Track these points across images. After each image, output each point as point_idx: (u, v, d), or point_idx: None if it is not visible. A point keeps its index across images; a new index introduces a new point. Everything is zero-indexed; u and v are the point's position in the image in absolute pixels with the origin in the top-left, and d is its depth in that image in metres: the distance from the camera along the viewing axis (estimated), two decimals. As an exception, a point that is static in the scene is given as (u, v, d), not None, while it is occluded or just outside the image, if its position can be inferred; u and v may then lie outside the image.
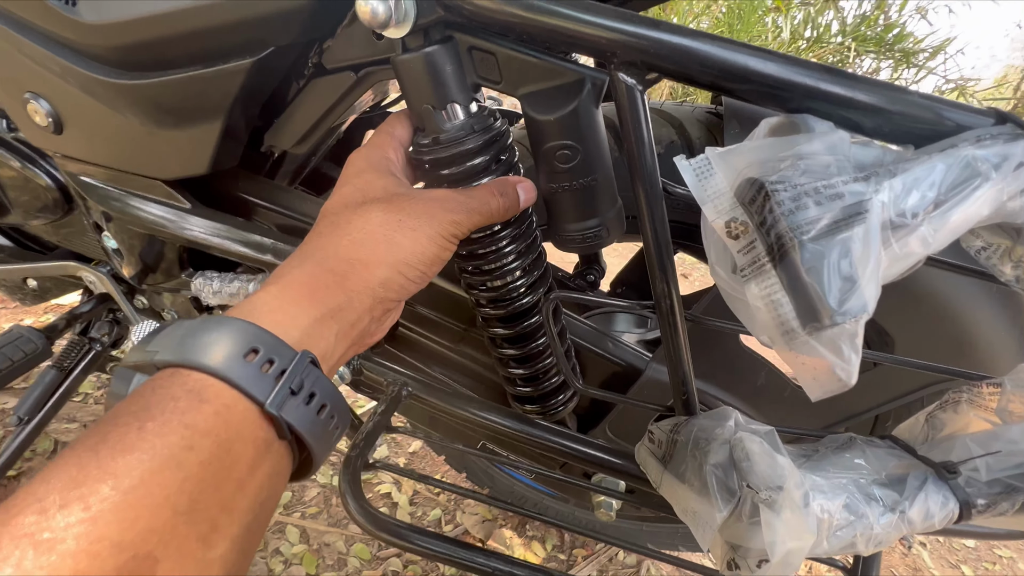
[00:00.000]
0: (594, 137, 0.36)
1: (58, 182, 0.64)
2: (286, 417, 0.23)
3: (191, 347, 0.23)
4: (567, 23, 0.28)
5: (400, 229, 0.31)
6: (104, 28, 0.38)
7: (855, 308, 0.21)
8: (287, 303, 0.27)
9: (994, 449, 0.32)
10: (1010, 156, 0.23)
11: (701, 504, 0.32)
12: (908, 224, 0.22)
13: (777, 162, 0.24)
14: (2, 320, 1.21)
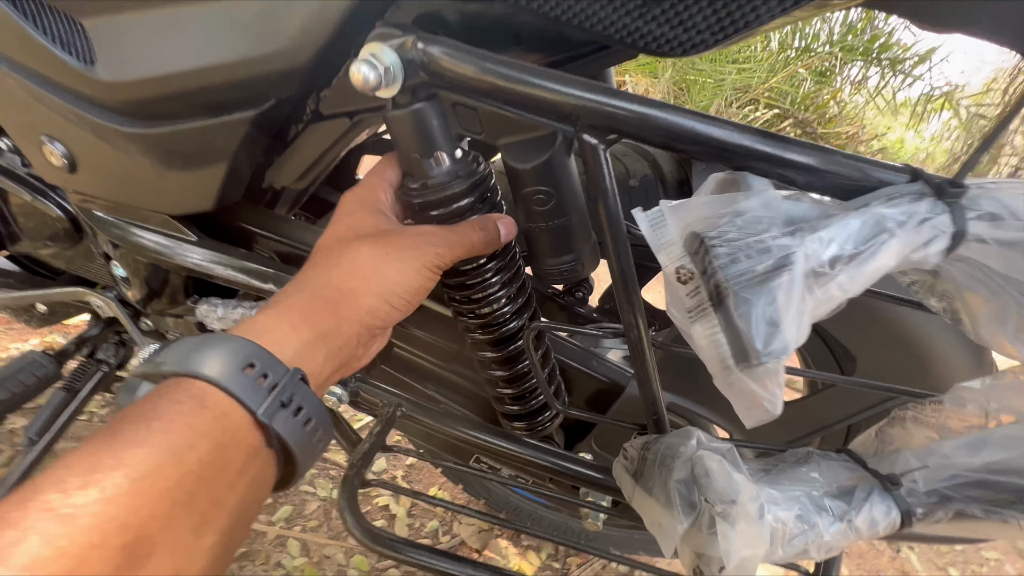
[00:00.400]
0: (567, 182, 0.39)
1: (68, 213, 0.67)
2: (275, 427, 0.26)
3: (195, 359, 0.25)
4: (535, 91, 0.32)
5: (387, 261, 0.35)
6: (119, 85, 0.42)
7: (777, 350, 0.24)
8: (283, 325, 0.30)
9: (930, 462, 0.36)
10: (914, 214, 0.26)
11: (666, 517, 0.35)
12: (828, 273, 0.26)
13: (718, 218, 0.28)
14: (6, 341, 1.23)
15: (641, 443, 0.41)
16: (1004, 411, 0.36)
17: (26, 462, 0.78)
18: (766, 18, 0.28)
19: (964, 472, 0.35)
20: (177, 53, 0.39)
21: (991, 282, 0.28)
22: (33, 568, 0.18)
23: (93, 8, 0.40)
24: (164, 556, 0.21)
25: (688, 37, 0.30)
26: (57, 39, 0.42)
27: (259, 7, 0.37)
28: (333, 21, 0.37)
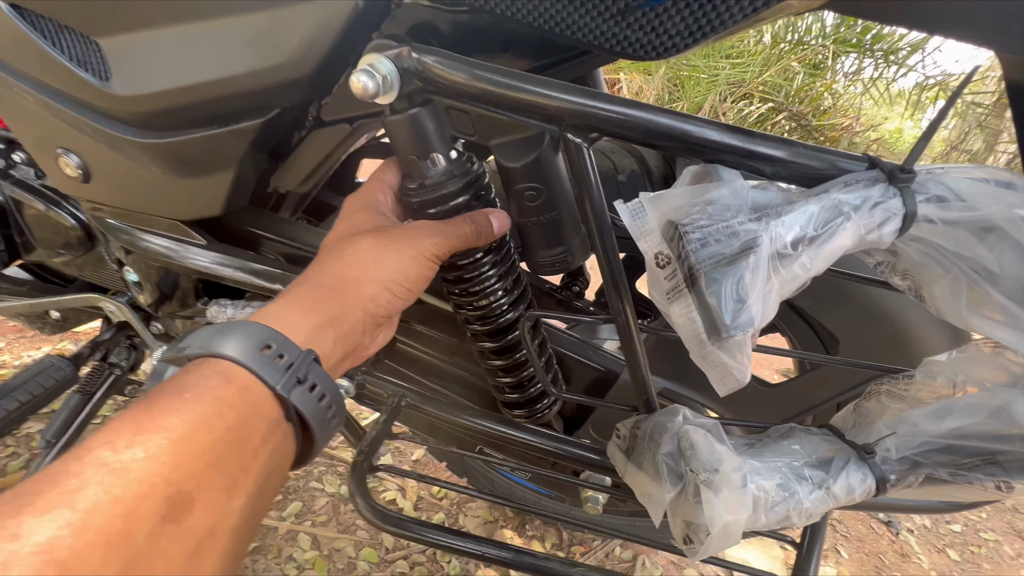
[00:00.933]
0: (556, 179, 0.42)
1: (81, 222, 0.70)
2: (293, 400, 0.28)
3: (217, 342, 0.28)
4: (521, 95, 0.34)
5: (387, 251, 0.37)
6: (133, 99, 0.44)
7: (744, 323, 0.27)
8: (293, 312, 0.32)
9: (900, 430, 0.38)
10: (868, 198, 0.29)
11: (654, 487, 0.37)
12: (791, 255, 0.28)
13: (691, 207, 0.30)
14: (19, 348, 1.26)
15: (632, 422, 0.44)
16: (969, 382, 0.38)
17: (42, 464, 0.81)
18: (730, 23, 0.31)
19: (932, 439, 0.37)
20: (188, 67, 0.42)
21: (943, 259, 0.30)
22: (94, 511, 0.20)
23: (108, 28, 0.42)
24: (201, 511, 0.23)
25: (661, 42, 0.33)
26: (75, 57, 0.45)
27: (264, 23, 0.39)
28: (332, 34, 0.40)
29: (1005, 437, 0.34)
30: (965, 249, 0.29)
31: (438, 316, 0.62)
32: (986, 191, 0.28)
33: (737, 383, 0.29)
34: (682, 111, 2.79)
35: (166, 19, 0.41)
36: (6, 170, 0.70)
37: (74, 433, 0.83)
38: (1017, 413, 0.33)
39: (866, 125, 4.49)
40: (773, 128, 4.03)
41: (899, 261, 0.33)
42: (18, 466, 0.98)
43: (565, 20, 0.33)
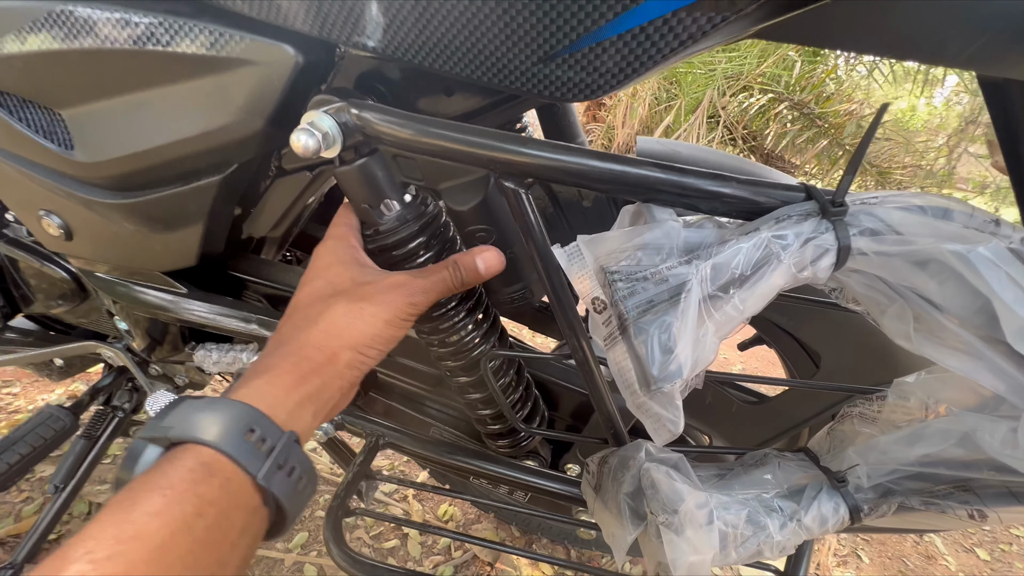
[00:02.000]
0: (506, 219, 0.42)
1: (72, 275, 0.72)
2: (272, 489, 0.28)
3: (200, 425, 0.28)
4: (455, 144, 0.34)
5: (361, 316, 0.36)
6: (96, 165, 0.46)
7: (672, 375, 0.26)
8: (276, 389, 0.32)
9: (870, 458, 0.37)
10: (800, 234, 0.28)
11: (618, 528, 0.37)
12: (723, 297, 0.28)
13: (621, 252, 0.30)
14: (33, 393, 1.30)
15: (599, 457, 0.43)
16: (940, 402, 0.37)
17: (54, 509, 0.83)
18: (651, 64, 0.31)
19: (902, 466, 0.36)
20: (143, 133, 0.43)
21: (885, 288, 0.29)
22: None
23: (67, 100, 0.44)
24: None
25: (587, 84, 0.32)
26: (40, 130, 0.46)
27: (210, 87, 0.40)
28: (276, 92, 0.40)
29: (973, 464, 0.33)
30: (905, 280, 0.28)
31: (419, 347, 0.63)
32: (919, 222, 0.27)
33: (670, 434, 0.29)
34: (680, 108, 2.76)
35: (119, 88, 0.42)
36: (0, 230, 0.73)
37: (81, 477, 0.85)
38: (983, 440, 0.32)
39: (874, 107, 4.39)
40: (776, 119, 3.97)
41: (847, 290, 0.32)
42: (32, 510, 1.01)
43: (485, 71, 0.33)
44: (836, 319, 0.52)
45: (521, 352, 0.46)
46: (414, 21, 0.33)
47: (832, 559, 1.20)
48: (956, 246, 0.25)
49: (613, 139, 4.10)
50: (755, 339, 0.66)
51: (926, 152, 4.54)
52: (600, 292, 0.31)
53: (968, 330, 0.28)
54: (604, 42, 0.30)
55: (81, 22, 0.39)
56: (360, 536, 1.06)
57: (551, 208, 0.57)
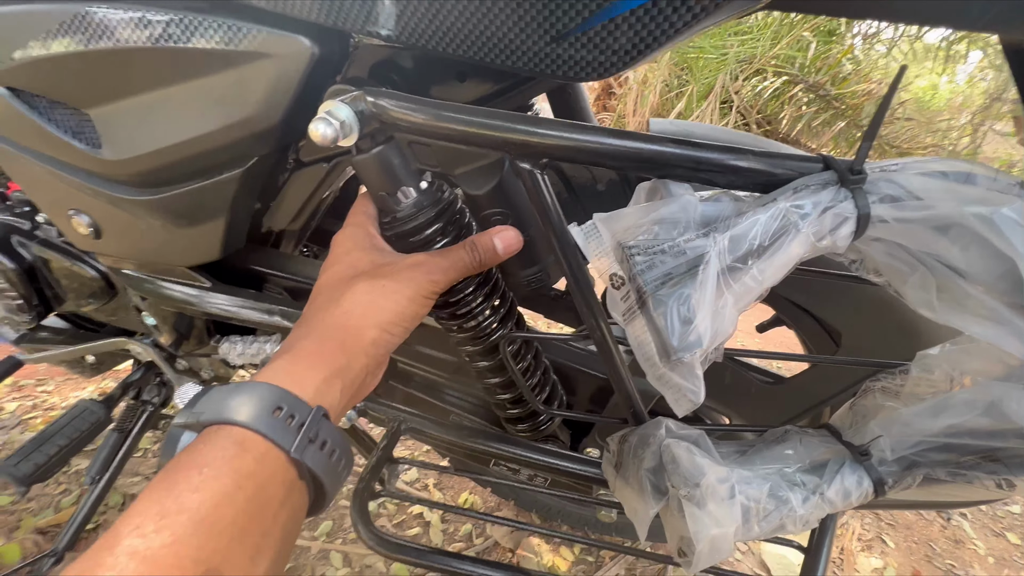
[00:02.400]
0: (521, 201, 0.42)
1: (101, 273, 0.74)
2: (306, 461, 0.29)
3: (230, 407, 0.29)
4: (469, 127, 0.35)
5: (384, 294, 0.37)
6: (123, 163, 0.47)
7: (692, 345, 0.27)
8: (300, 368, 0.33)
9: (893, 430, 0.37)
10: (818, 203, 0.28)
11: (640, 503, 0.37)
12: (741, 268, 0.28)
13: (638, 227, 0.30)
14: (66, 390, 1.35)
15: (619, 436, 0.43)
16: (965, 373, 0.37)
17: (90, 500, 0.87)
18: (664, 40, 0.31)
19: (927, 438, 0.36)
20: (167, 129, 0.45)
21: (907, 256, 0.29)
22: None
23: (94, 99, 0.45)
24: None
25: (600, 62, 0.33)
26: (69, 130, 0.48)
27: (229, 81, 0.41)
28: (294, 84, 0.41)
29: (1000, 433, 0.32)
30: (927, 247, 0.28)
31: (439, 336, 0.63)
32: (940, 187, 0.27)
33: (691, 404, 0.29)
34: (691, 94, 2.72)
35: (142, 86, 0.44)
36: (32, 231, 0.76)
37: (115, 470, 0.88)
38: (1010, 409, 0.31)
39: (892, 87, 4.27)
40: (791, 102, 3.89)
41: (867, 260, 0.32)
42: (70, 502, 1.05)
43: (498, 53, 0.33)
44: (856, 295, 0.51)
45: (539, 334, 0.47)
46: (427, 7, 0.34)
47: (856, 544, 1.19)
48: (979, 208, 0.25)
49: (624, 126, 4.06)
50: (774, 320, 0.66)
51: (949, 131, 4.40)
52: (618, 268, 0.31)
53: (993, 296, 0.28)
54: (616, 18, 0.31)
55: (103, 23, 0.41)
56: (383, 524, 1.08)
57: (565, 193, 0.57)
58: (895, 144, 3.96)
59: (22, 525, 0.98)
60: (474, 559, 0.45)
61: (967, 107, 5.45)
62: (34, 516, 1.00)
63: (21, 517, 1.00)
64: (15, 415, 1.24)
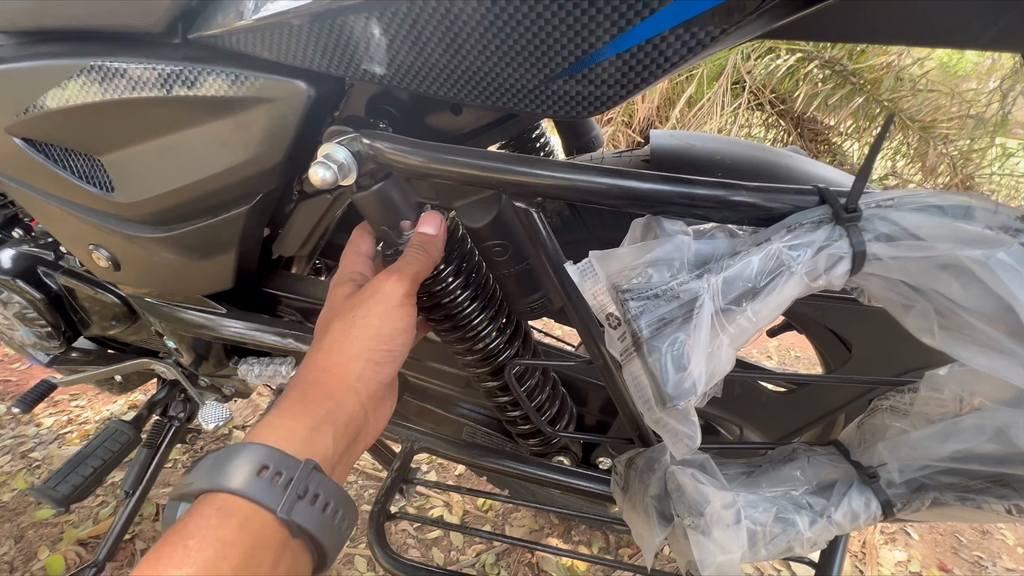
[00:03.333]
0: (520, 232, 0.42)
1: (123, 299, 0.77)
2: (295, 519, 0.28)
3: (216, 474, 0.28)
4: (464, 169, 0.35)
5: (355, 324, 0.36)
6: (135, 204, 0.49)
7: (687, 392, 0.27)
8: (286, 421, 0.32)
9: (900, 454, 0.37)
10: (812, 243, 0.28)
11: (645, 530, 0.38)
12: (736, 309, 0.28)
13: (633, 270, 0.30)
14: (99, 405, 1.40)
15: (626, 458, 0.44)
16: (974, 394, 0.36)
17: (126, 512, 0.91)
18: (657, 76, 0.31)
19: (934, 462, 0.35)
20: (175, 173, 0.46)
21: (905, 290, 0.29)
22: None
23: (105, 146, 0.47)
24: None
25: (591, 100, 0.33)
26: (83, 176, 0.50)
27: (231, 125, 0.42)
28: (293, 124, 0.42)
29: (1008, 459, 0.32)
30: (925, 283, 0.27)
31: (448, 351, 0.65)
32: (937, 224, 0.26)
33: (688, 449, 0.29)
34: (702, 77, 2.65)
35: (150, 133, 0.45)
36: (56, 261, 0.79)
37: (148, 482, 0.92)
38: (1018, 436, 0.31)
39: (913, 57, 4.11)
40: (806, 79, 3.78)
41: (867, 291, 0.32)
42: (107, 513, 1.10)
43: (490, 94, 0.33)
44: (865, 308, 0.50)
45: (543, 361, 0.47)
46: (416, 53, 0.34)
47: (879, 537, 1.18)
48: (975, 252, 0.24)
49: (633, 115, 4.00)
50: (784, 325, 0.65)
51: (976, 99, 4.21)
52: (614, 308, 0.31)
53: (996, 327, 0.28)
54: (608, 59, 0.30)
55: (109, 75, 0.42)
56: (404, 527, 1.11)
57: (567, 211, 0.58)
58: (917, 119, 3.82)
59: (64, 537, 1.03)
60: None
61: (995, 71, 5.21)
62: (75, 528, 1.05)
63: (63, 529, 1.05)
64: (52, 430, 1.30)
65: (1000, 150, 3.89)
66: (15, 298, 0.79)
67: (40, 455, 1.22)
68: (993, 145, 3.96)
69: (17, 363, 1.51)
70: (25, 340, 0.88)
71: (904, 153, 3.93)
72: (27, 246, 0.81)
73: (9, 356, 1.53)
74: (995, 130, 4.24)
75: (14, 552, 1.00)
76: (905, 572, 1.12)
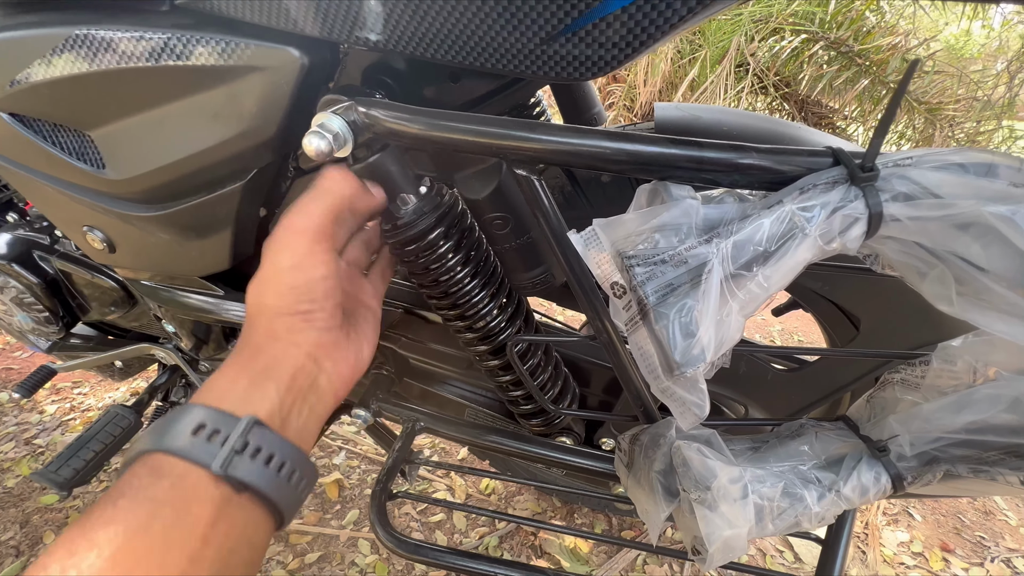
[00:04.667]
0: (521, 204, 0.41)
1: (120, 283, 0.76)
2: (235, 474, 0.27)
3: (155, 436, 0.28)
4: (462, 136, 0.34)
5: (266, 279, 0.34)
6: (126, 181, 0.48)
7: (695, 359, 0.26)
8: (222, 380, 0.31)
9: (912, 427, 0.36)
10: (827, 204, 0.27)
11: (651, 505, 0.37)
12: (746, 275, 0.27)
13: (639, 235, 0.29)
14: (101, 391, 1.40)
15: (630, 435, 0.43)
16: (989, 365, 0.35)
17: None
18: (662, 32, 0.29)
19: (948, 433, 0.35)
20: (166, 148, 0.45)
21: (923, 253, 0.28)
22: None
23: (94, 121, 0.46)
24: None
25: (594, 61, 0.31)
26: (73, 152, 0.48)
27: (222, 96, 0.41)
28: (286, 95, 0.41)
29: (1023, 430, 0.31)
30: (944, 244, 0.26)
31: (450, 333, 0.64)
32: (958, 182, 0.25)
33: (696, 418, 0.29)
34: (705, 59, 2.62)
35: (139, 106, 0.44)
36: (51, 245, 0.78)
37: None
38: (1035, 405, 0.30)
39: (920, 38, 4.04)
40: (810, 61, 3.72)
41: (881, 256, 0.31)
42: (112, 498, 1.10)
43: (488, 56, 0.32)
44: (874, 281, 0.49)
45: (546, 336, 0.46)
46: (411, 13, 0.32)
47: (882, 518, 1.18)
48: (999, 207, 0.23)
49: (635, 99, 3.95)
50: (790, 304, 0.64)
51: (983, 81, 4.15)
52: (619, 276, 0.30)
53: (1017, 292, 0.27)
54: (608, 16, 0.29)
55: (94, 44, 0.40)
56: (408, 511, 1.11)
57: (569, 186, 0.56)
58: (923, 100, 3.77)
59: (69, 522, 1.04)
60: (491, 559, 0.45)
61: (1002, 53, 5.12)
62: (80, 513, 1.06)
63: (68, 515, 1.06)
64: (55, 417, 1.30)
65: (1007, 132, 3.85)
66: (12, 283, 0.79)
67: (43, 442, 1.22)
68: (1000, 127, 3.91)
69: (19, 351, 1.51)
70: (24, 326, 0.87)
71: (910, 136, 3.89)
72: (22, 230, 0.80)
73: (11, 345, 1.53)
74: (1002, 112, 4.19)
75: (20, 536, 1.01)
76: (907, 552, 1.12)
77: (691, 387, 0.27)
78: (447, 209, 0.44)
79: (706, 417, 0.29)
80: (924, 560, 1.10)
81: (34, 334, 0.89)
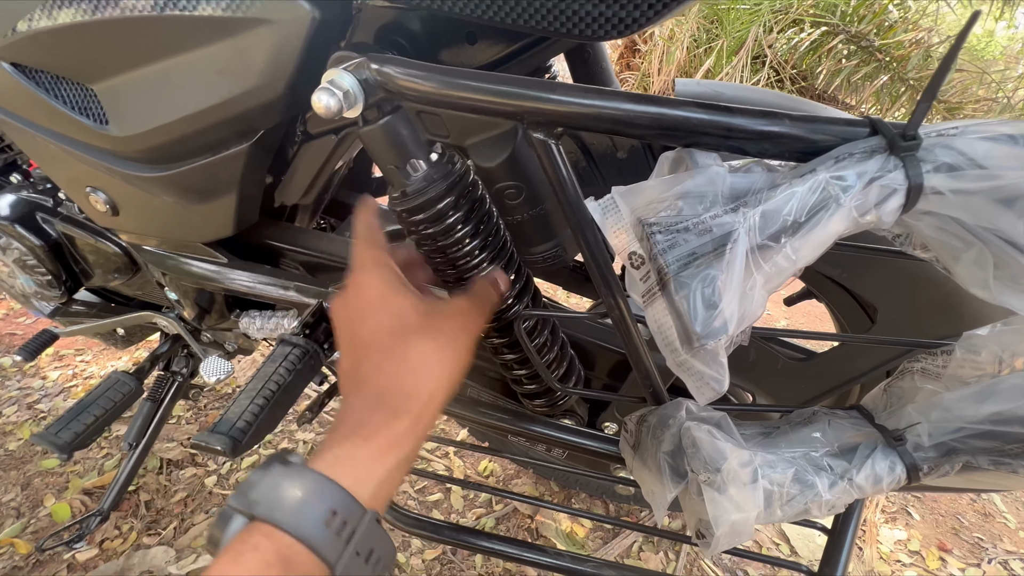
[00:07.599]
0: (536, 173, 0.40)
1: (124, 249, 0.75)
2: (348, 574, 0.27)
3: (283, 504, 0.27)
4: (478, 95, 0.32)
5: (443, 353, 0.35)
6: (130, 139, 0.47)
7: (716, 331, 0.25)
8: (366, 453, 0.31)
9: (932, 416, 0.35)
10: (863, 173, 0.25)
11: (658, 486, 0.36)
12: (774, 246, 0.26)
13: (661, 203, 0.28)
14: (103, 360, 1.41)
15: (638, 416, 0.42)
16: (1016, 355, 0.34)
17: (129, 464, 0.91)
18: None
19: (969, 424, 0.33)
20: (170, 104, 0.43)
21: (961, 231, 0.26)
22: None
23: (96, 73, 0.44)
24: None
25: (621, 17, 0.30)
26: (75, 106, 0.47)
27: (229, 51, 0.40)
28: (295, 51, 0.39)
29: (1054, 422, 0.30)
30: (986, 221, 0.25)
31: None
32: (1008, 154, 0.23)
33: (714, 393, 0.27)
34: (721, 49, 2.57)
35: (144, 58, 0.42)
36: (55, 207, 0.77)
37: (151, 436, 0.93)
38: (1067, 397, 0.29)
39: (943, 35, 3.95)
40: (829, 54, 3.65)
41: (915, 234, 0.29)
42: (112, 465, 1.11)
43: (509, 11, 0.30)
44: (895, 269, 0.48)
45: (555, 312, 0.45)
46: (430, -40, 0.31)
47: (880, 516, 1.18)
48: (1055, 178, 0.22)
49: (649, 87, 3.89)
50: (803, 293, 0.63)
51: (1004, 83, 4.07)
52: (637, 246, 0.29)
53: (1060, 275, 0.25)
54: (639, -33, 0.27)
55: (100, -10, 0.39)
56: (405, 490, 1.11)
57: (583, 162, 0.55)
58: (943, 99, 3.70)
59: (70, 486, 1.05)
60: (488, 535, 0.45)
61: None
62: (80, 478, 1.06)
63: (69, 479, 1.06)
64: (57, 383, 1.30)
65: (1026, 135, 3.77)
66: (14, 244, 0.78)
67: (45, 407, 1.23)
68: (1019, 130, 3.84)
69: (23, 317, 1.51)
70: (26, 289, 0.87)
71: (926, 135, 3.82)
72: (26, 192, 0.79)
73: (15, 311, 1.53)
74: (1022, 115, 4.11)
75: (21, 498, 1.02)
76: (904, 551, 1.12)
77: (711, 360, 0.26)
78: (458, 178, 0.43)
79: (724, 391, 0.28)
80: (921, 559, 1.10)
81: (37, 298, 0.88)
